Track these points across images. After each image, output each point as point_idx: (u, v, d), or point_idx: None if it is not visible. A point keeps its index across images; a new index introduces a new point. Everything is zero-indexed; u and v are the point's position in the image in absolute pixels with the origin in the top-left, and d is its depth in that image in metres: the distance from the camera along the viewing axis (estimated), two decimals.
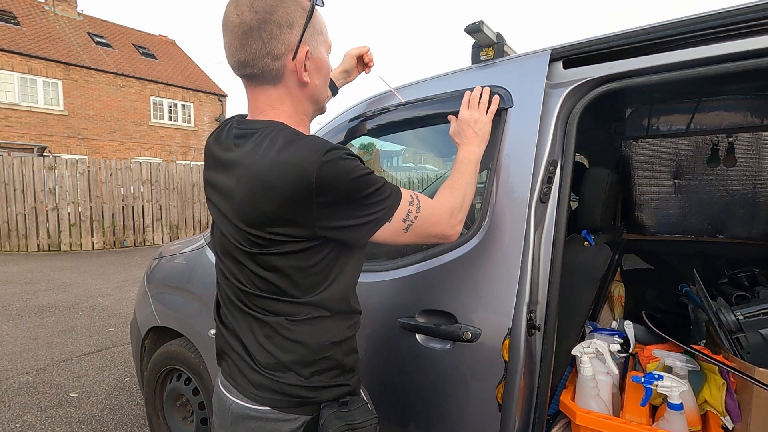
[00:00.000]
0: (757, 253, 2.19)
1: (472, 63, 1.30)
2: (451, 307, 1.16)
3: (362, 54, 1.32)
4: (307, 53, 0.81)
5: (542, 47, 1.19)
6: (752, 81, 1.64)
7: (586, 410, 1.17)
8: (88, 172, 8.84)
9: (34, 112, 14.57)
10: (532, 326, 1.08)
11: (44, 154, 11.70)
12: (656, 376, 1.16)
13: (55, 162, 8.59)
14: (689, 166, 2.37)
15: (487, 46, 1.27)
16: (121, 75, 16.81)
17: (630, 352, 1.51)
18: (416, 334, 1.21)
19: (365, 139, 1.57)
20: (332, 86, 1.25)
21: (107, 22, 19.32)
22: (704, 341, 1.56)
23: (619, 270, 2.20)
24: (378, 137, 1.57)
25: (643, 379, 1.18)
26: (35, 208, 8.46)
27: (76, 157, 9.09)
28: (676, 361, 1.28)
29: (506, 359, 1.06)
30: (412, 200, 0.85)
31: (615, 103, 1.97)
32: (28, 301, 5.00)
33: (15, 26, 15.03)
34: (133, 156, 16.87)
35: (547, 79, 1.14)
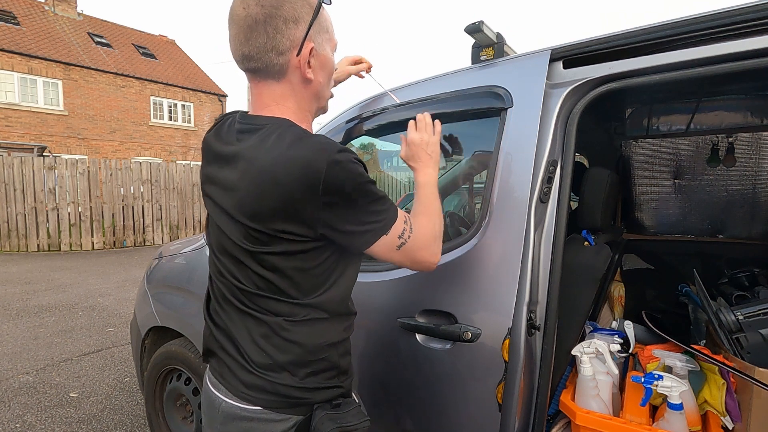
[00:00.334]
0: (757, 253, 2.19)
1: (472, 63, 1.30)
2: (451, 307, 1.16)
3: (358, 65, 1.33)
4: (312, 50, 0.80)
5: (542, 47, 1.19)
6: (752, 81, 1.64)
7: (586, 410, 1.17)
8: (88, 172, 8.84)
9: (34, 112, 14.57)
10: (532, 326, 1.08)
11: (44, 154, 11.70)
12: (656, 376, 1.16)
13: (55, 162, 8.59)
14: (689, 166, 2.37)
15: (487, 46, 1.27)
16: (121, 75, 16.81)
17: (630, 352, 1.51)
18: (416, 334, 1.21)
19: (365, 139, 1.57)
20: None
21: (107, 22, 19.33)
22: (704, 341, 1.56)
23: (619, 270, 2.20)
24: (378, 137, 1.57)
25: (643, 379, 1.18)
26: (35, 208, 8.47)
27: (76, 157, 9.10)
28: (676, 361, 1.28)
29: (506, 359, 1.06)
30: (407, 220, 0.86)
31: (615, 103, 1.97)
32: (28, 301, 5.00)
33: (15, 26, 15.03)
34: (133, 156, 16.87)
35: (547, 79, 1.14)
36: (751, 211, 2.26)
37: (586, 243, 1.40)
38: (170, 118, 18.66)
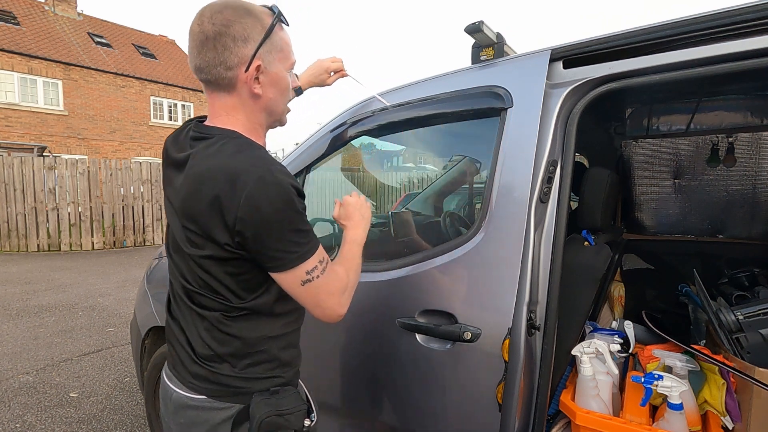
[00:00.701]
0: (757, 253, 2.19)
1: (472, 63, 1.30)
2: (451, 307, 1.16)
3: (334, 68, 1.35)
4: (259, 67, 0.85)
5: (542, 47, 1.19)
6: (752, 81, 1.64)
7: (586, 410, 1.17)
8: (88, 172, 8.83)
9: (34, 112, 14.57)
10: (532, 326, 1.08)
11: (44, 154, 11.70)
12: (656, 376, 1.16)
13: (55, 162, 8.59)
14: (689, 166, 2.37)
15: (487, 46, 1.27)
16: (121, 75, 16.81)
17: (630, 352, 1.51)
18: (416, 334, 1.21)
19: (365, 139, 1.57)
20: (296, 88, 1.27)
21: (107, 22, 19.32)
22: (704, 341, 1.56)
23: (619, 270, 2.20)
24: (378, 137, 1.57)
25: (643, 379, 1.18)
26: (35, 208, 8.46)
27: (76, 157, 9.09)
28: (676, 361, 1.28)
29: (506, 359, 1.06)
30: (323, 260, 0.86)
31: (615, 103, 1.97)
32: (28, 301, 5.00)
33: (15, 26, 15.03)
34: (133, 156, 16.86)
35: (547, 79, 1.14)
36: (751, 211, 2.26)
37: (586, 243, 1.40)
38: (170, 119, 18.66)
